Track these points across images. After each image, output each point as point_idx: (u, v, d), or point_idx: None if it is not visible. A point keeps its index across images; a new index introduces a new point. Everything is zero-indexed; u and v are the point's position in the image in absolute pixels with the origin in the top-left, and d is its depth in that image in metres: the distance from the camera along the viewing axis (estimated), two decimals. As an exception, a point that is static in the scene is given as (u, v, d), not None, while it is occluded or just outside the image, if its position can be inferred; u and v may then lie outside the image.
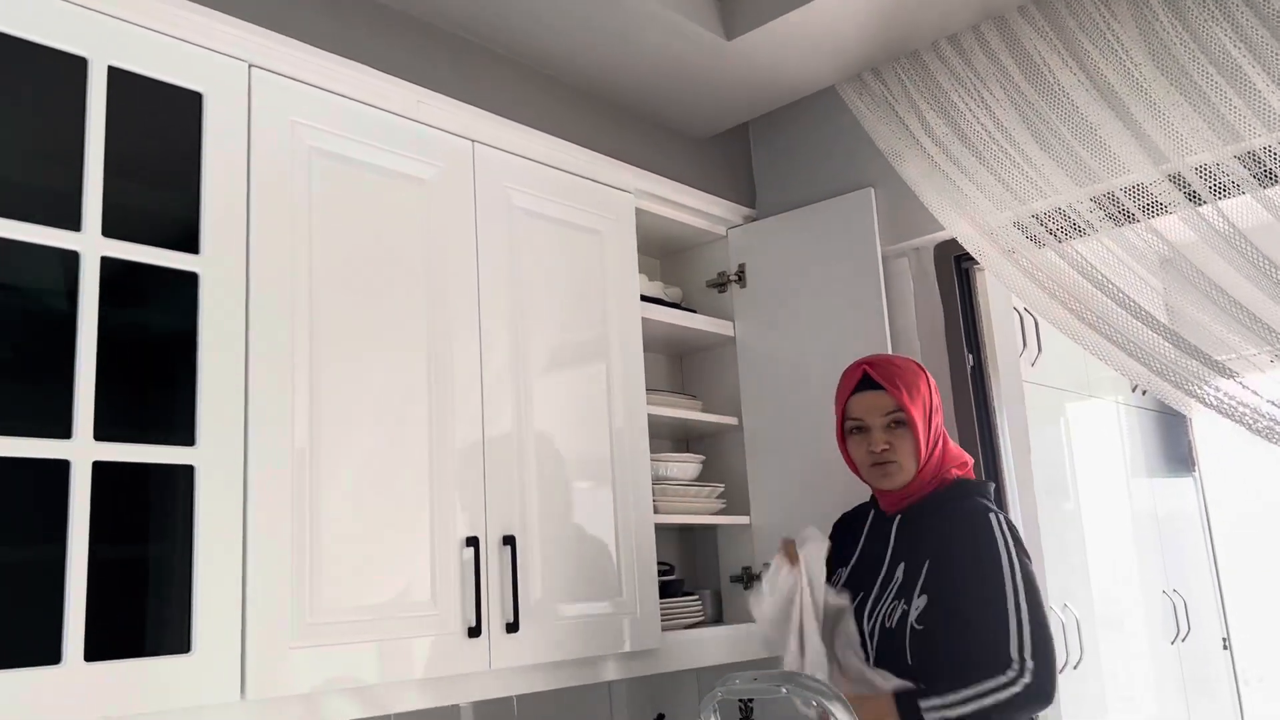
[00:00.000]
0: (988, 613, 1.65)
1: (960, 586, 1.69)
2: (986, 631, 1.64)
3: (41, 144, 1.46)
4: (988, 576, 1.68)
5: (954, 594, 1.70)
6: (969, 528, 1.73)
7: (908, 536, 1.83)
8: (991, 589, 1.67)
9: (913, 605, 1.73)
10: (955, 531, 1.75)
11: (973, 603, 1.67)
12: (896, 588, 1.78)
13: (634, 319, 2.27)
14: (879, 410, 1.86)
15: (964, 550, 1.71)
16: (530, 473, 1.97)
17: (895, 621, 1.75)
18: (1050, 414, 3.13)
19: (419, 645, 1.72)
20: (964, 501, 1.80)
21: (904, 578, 1.78)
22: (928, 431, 1.84)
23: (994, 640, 1.63)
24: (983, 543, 1.71)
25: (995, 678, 1.60)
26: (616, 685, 2.43)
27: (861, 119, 2.36)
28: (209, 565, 1.49)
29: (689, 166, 2.53)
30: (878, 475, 1.88)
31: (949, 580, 1.71)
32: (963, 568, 1.70)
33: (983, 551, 1.70)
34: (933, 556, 1.75)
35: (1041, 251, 2.05)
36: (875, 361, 1.91)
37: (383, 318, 1.79)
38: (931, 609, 1.71)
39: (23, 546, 1.36)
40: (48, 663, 1.33)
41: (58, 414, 1.39)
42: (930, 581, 1.73)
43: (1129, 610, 3.32)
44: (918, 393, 1.86)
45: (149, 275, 1.52)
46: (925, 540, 1.78)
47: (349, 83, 1.83)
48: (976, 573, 1.69)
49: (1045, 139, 2.07)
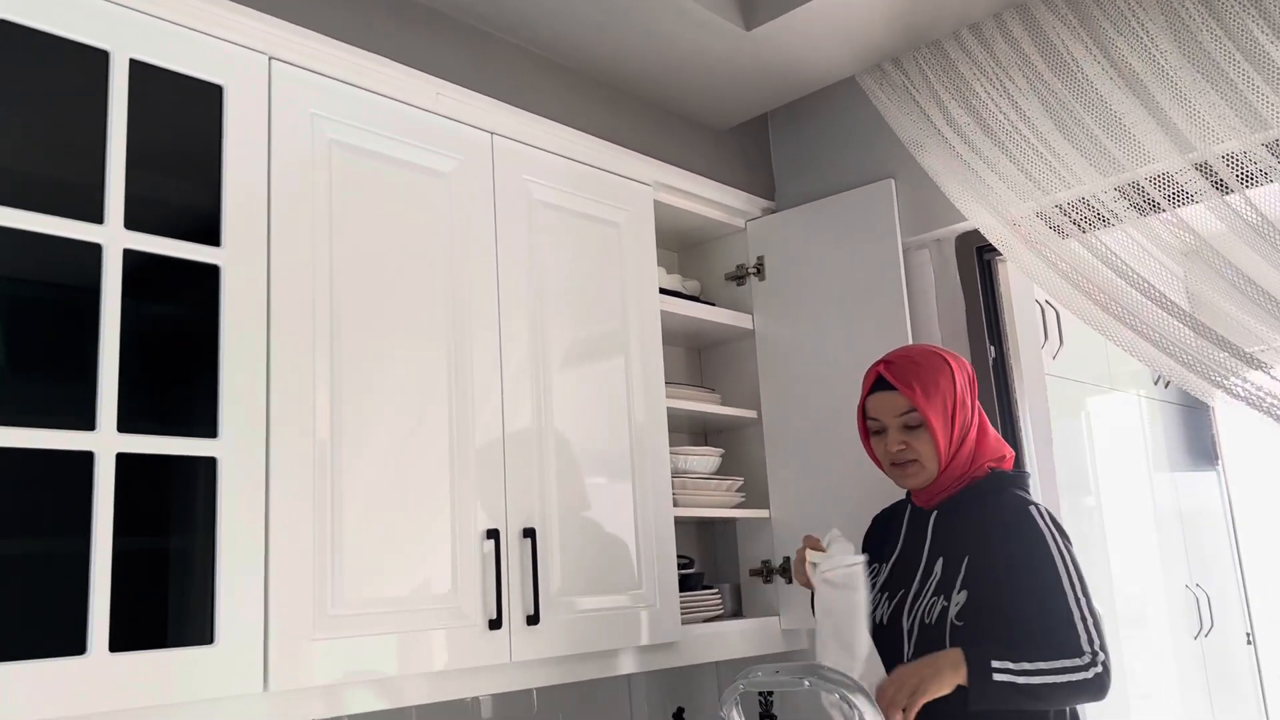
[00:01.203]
0: (1047, 606, 1.64)
1: (1012, 582, 1.67)
2: (1050, 623, 1.63)
3: (64, 137, 1.47)
4: (1041, 570, 1.66)
5: (1001, 589, 1.68)
6: (1010, 521, 1.72)
7: (945, 531, 1.81)
8: (1046, 582, 1.65)
9: (952, 601, 1.71)
10: (995, 525, 1.73)
11: (1028, 597, 1.65)
12: (935, 583, 1.76)
13: (653, 312, 2.26)
14: (894, 410, 1.84)
15: (1007, 544, 1.70)
16: (550, 465, 1.96)
17: (935, 617, 1.73)
18: (1071, 408, 3.11)
19: (440, 637, 1.72)
20: (1001, 495, 1.78)
21: (943, 573, 1.75)
22: (949, 428, 1.81)
23: (1061, 629, 1.62)
24: (1027, 536, 1.69)
25: (1072, 659, 1.59)
26: (636, 679, 2.43)
27: (882, 109, 2.34)
28: (232, 557, 1.49)
29: (707, 158, 2.52)
30: (899, 475, 1.87)
31: (993, 575, 1.69)
32: (1009, 562, 1.68)
33: (1029, 545, 1.68)
34: (972, 551, 1.73)
35: (1065, 242, 2.03)
36: (893, 359, 1.88)
37: (402, 310, 1.79)
38: (972, 605, 1.69)
39: (48, 538, 1.37)
40: (73, 653, 1.34)
41: (81, 406, 1.40)
42: (971, 577, 1.71)
43: (1151, 605, 3.30)
44: (935, 390, 1.81)
45: (171, 267, 1.53)
46: (964, 535, 1.76)
47: (368, 75, 1.83)
48: (1028, 567, 1.67)
49: (1069, 128, 2.05)
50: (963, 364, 1.89)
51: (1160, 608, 3.34)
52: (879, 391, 1.86)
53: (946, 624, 1.70)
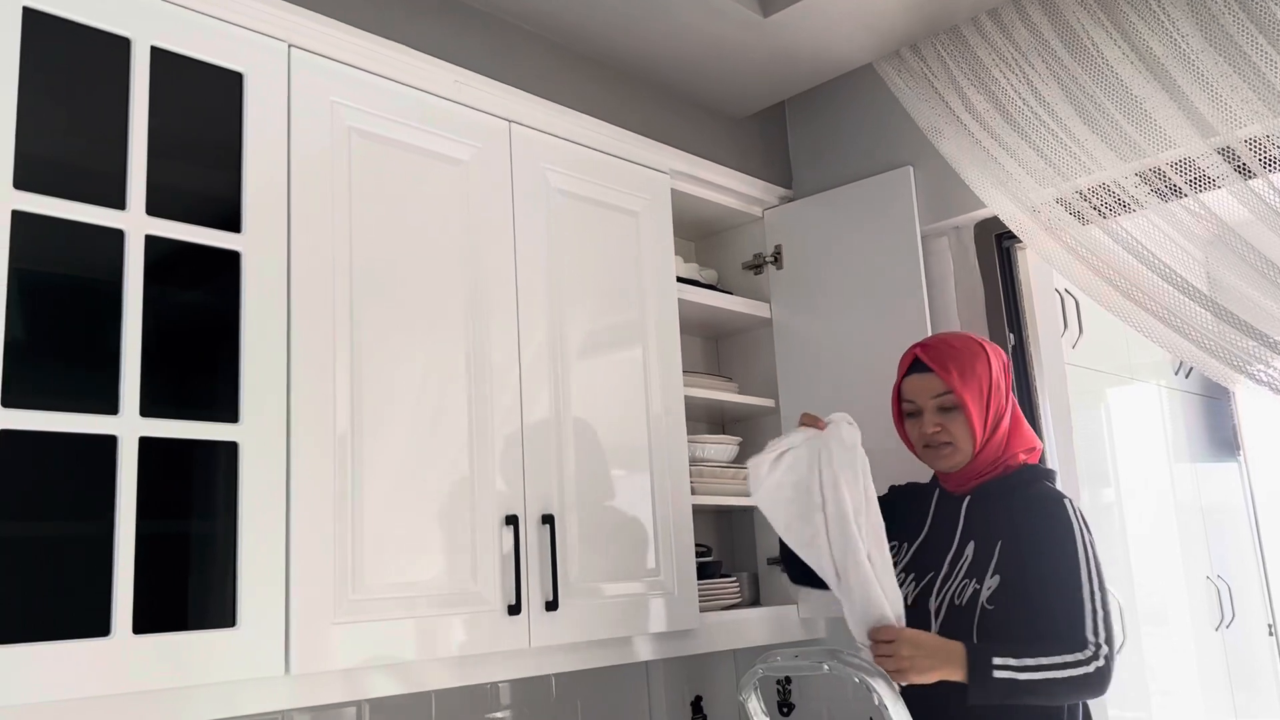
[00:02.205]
0: (1063, 594, 1.65)
1: (1036, 568, 1.69)
2: (1061, 611, 1.64)
3: (87, 124, 1.48)
4: (1063, 559, 1.68)
5: (1028, 575, 1.70)
6: (1044, 511, 1.73)
7: (978, 516, 1.82)
8: (1067, 571, 1.67)
9: (984, 585, 1.73)
10: (1029, 514, 1.74)
11: (1047, 584, 1.67)
12: (967, 566, 1.78)
13: (670, 300, 2.26)
14: (929, 392, 1.85)
15: (1039, 533, 1.71)
16: (568, 453, 1.97)
17: (965, 599, 1.74)
18: (1090, 398, 3.09)
19: (459, 623, 1.73)
20: (1036, 486, 1.79)
21: (974, 556, 1.77)
22: (984, 413, 1.82)
23: (1069, 620, 1.63)
24: (1059, 526, 1.70)
25: (1072, 653, 1.59)
26: (654, 666, 2.43)
27: (900, 96, 2.33)
28: (253, 541, 1.50)
29: (725, 146, 2.52)
30: (932, 456, 1.88)
31: (1023, 562, 1.71)
32: (1038, 550, 1.70)
33: (1059, 535, 1.70)
34: (1005, 538, 1.75)
35: (1086, 228, 2.01)
36: (930, 343, 1.90)
37: (421, 296, 1.79)
38: (1003, 590, 1.71)
39: (73, 521, 1.38)
40: (97, 635, 1.35)
41: (105, 390, 1.41)
42: (1004, 562, 1.73)
43: (1172, 598, 3.27)
44: (972, 374, 1.83)
45: (192, 254, 1.54)
46: (997, 521, 1.78)
47: (387, 63, 1.83)
48: (1052, 555, 1.68)
49: (1089, 113, 2.03)
50: (998, 352, 1.90)
51: (1181, 600, 3.32)
52: (915, 374, 1.88)
53: (977, 606, 1.72)
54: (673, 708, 2.45)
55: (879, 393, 2.05)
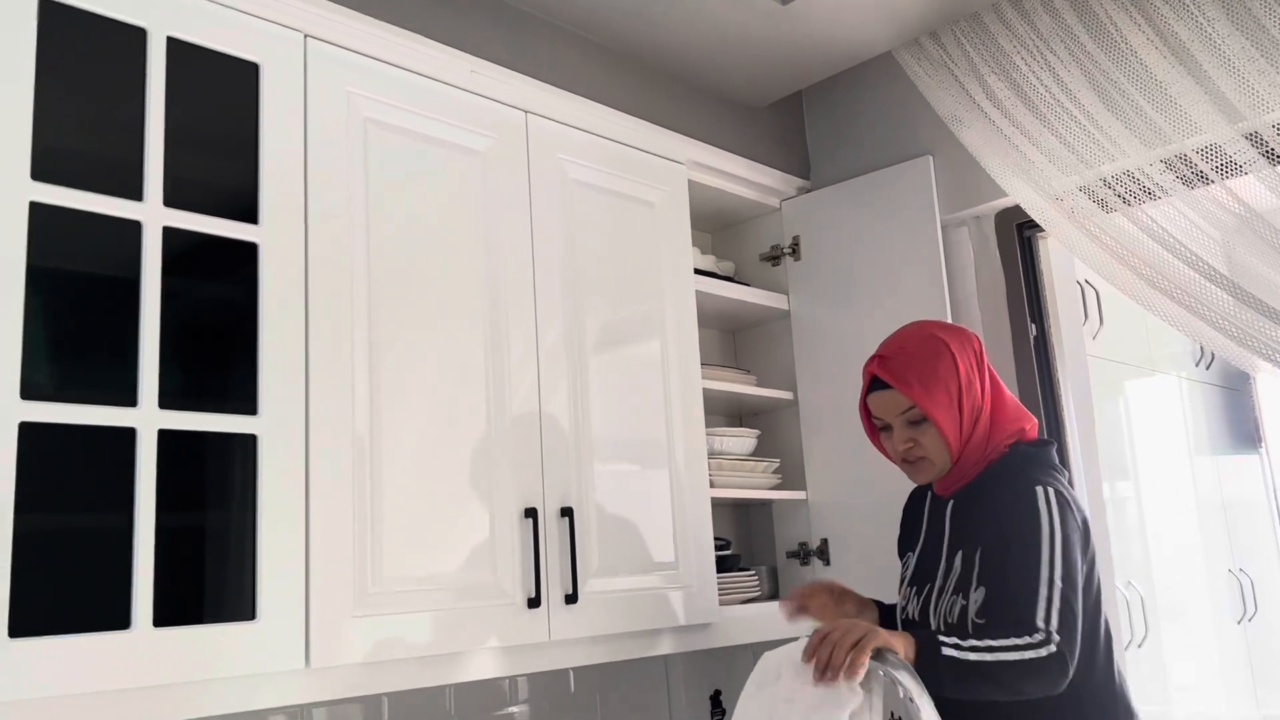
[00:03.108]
0: (1018, 577, 1.56)
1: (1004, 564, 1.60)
2: (1014, 594, 1.55)
3: (103, 115, 1.47)
4: (1023, 545, 1.58)
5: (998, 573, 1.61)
6: (1013, 507, 1.62)
7: (963, 522, 1.73)
8: (1024, 555, 1.57)
9: (970, 600, 1.64)
10: (1003, 516, 1.63)
11: (1005, 569, 1.59)
12: (955, 580, 1.68)
13: (688, 292, 2.24)
14: (895, 409, 1.73)
15: (1008, 528, 1.62)
16: (586, 445, 1.95)
17: (956, 617, 1.65)
18: (1109, 390, 3.06)
19: (479, 615, 1.71)
20: (1015, 479, 1.66)
21: (961, 569, 1.68)
22: (957, 417, 1.70)
23: (1021, 603, 1.53)
24: (1024, 514, 1.60)
25: (1020, 637, 1.49)
26: (673, 660, 2.42)
27: (919, 84, 2.31)
28: (272, 534, 1.50)
29: (742, 137, 2.50)
30: (910, 471, 1.78)
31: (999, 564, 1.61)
32: (1005, 542, 1.61)
33: (1023, 523, 1.60)
34: (985, 544, 1.65)
35: (1110, 216, 1.99)
36: (887, 354, 1.76)
37: (438, 287, 1.78)
38: (989, 600, 1.61)
39: (93, 513, 1.37)
40: (118, 628, 1.34)
41: (123, 382, 1.40)
42: (985, 572, 1.63)
43: (1192, 591, 3.24)
44: (935, 381, 1.70)
45: (210, 245, 1.53)
46: (978, 526, 1.68)
47: (403, 53, 1.82)
48: (1014, 543, 1.59)
49: (1113, 100, 2.01)
50: (966, 340, 1.76)
51: (1202, 593, 3.29)
52: (877, 390, 1.76)
53: (968, 623, 1.62)
54: (692, 701, 2.44)
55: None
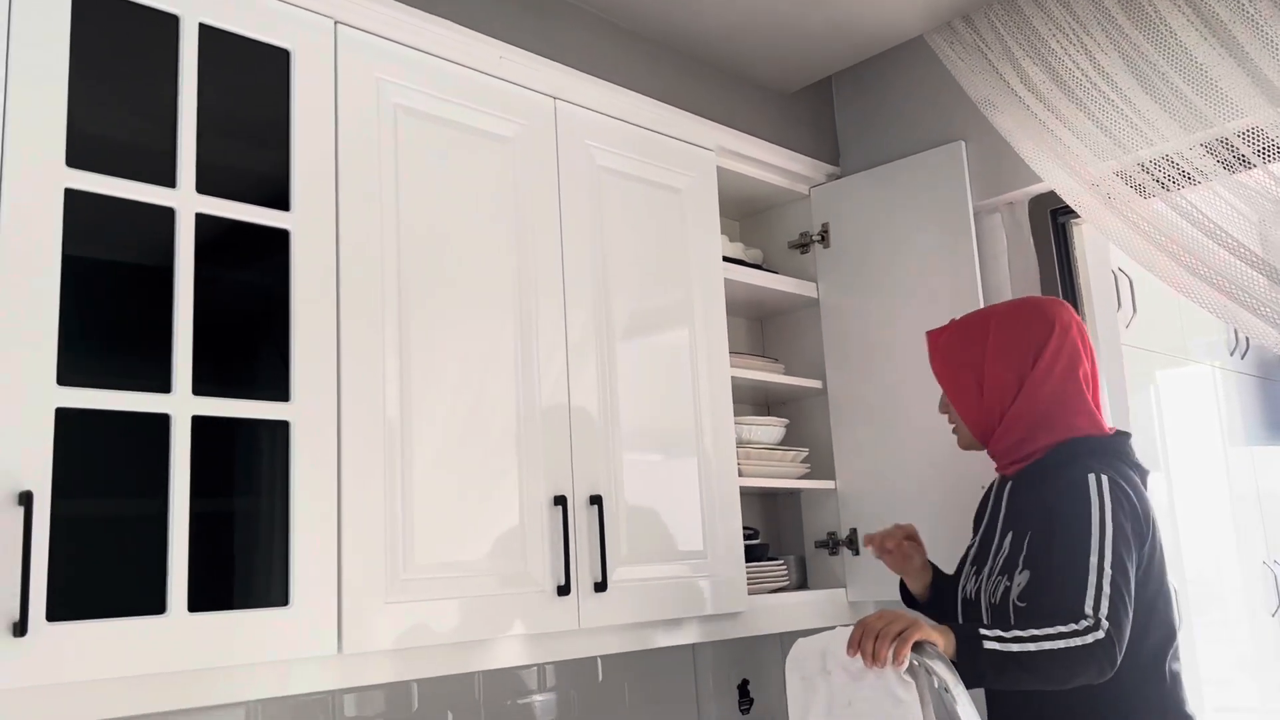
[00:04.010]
0: (1066, 565, 1.53)
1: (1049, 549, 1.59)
2: (1062, 582, 1.52)
3: (136, 102, 1.47)
4: (1072, 533, 1.56)
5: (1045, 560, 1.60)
6: (1064, 494, 1.61)
7: (1016, 504, 1.72)
8: (1074, 543, 1.54)
9: (1014, 581, 1.63)
10: (1055, 502, 1.62)
11: (1054, 558, 1.57)
12: (1003, 560, 1.68)
13: (716, 280, 2.23)
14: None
15: (1057, 516, 1.60)
16: (615, 433, 1.95)
17: (999, 598, 1.65)
18: (1142, 379, 3.02)
19: (509, 603, 1.71)
20: (1069, 467, 1.64)
21: (1009, 550, 1.68)
22: (976, 403, 1.76)
23: (1069, 590, 1.50)
24: (1076, 502, 1.58)
25: (1066, 624, 1.46)
26: (701, 649, 2.41)
27: (952, 69, 2.27)
28: (305, 520, 1.50)
29: (771, 123, 2.48)
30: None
31: (1043, 550, 1.60)
32: (1053, 531, 1.59)
33: (1073, 511, 1.58)
34: (1034, 528, 1.64)
35: (1148, 202, 1.96)
36: (947, 327, 1.86)
37: (468, 274, 1.78)
38: (1033, 585, 1.60)
39: (128, 499, 1.38)
40: (153, 612, 1.35)
41: (157, 368, 1.41)
42: (1031, 556, 1.62)
43: (1225, 583, 3.20)
44: (953, 359, 1.79)
45: (242, 232, 1.53)
46: (1030, 510, 1.67)
47: (432, 39, 1.81)
48: (1063, 532, 1.57)
49: (1151, 83, 1.97)
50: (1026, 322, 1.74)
51: (1235, 586, 3.25)
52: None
53: (1009, 604, 1.62)
54: (719, 690, 2.43)
55: (930, 376, 2.00)
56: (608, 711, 2.22)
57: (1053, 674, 1.45)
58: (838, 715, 1.44)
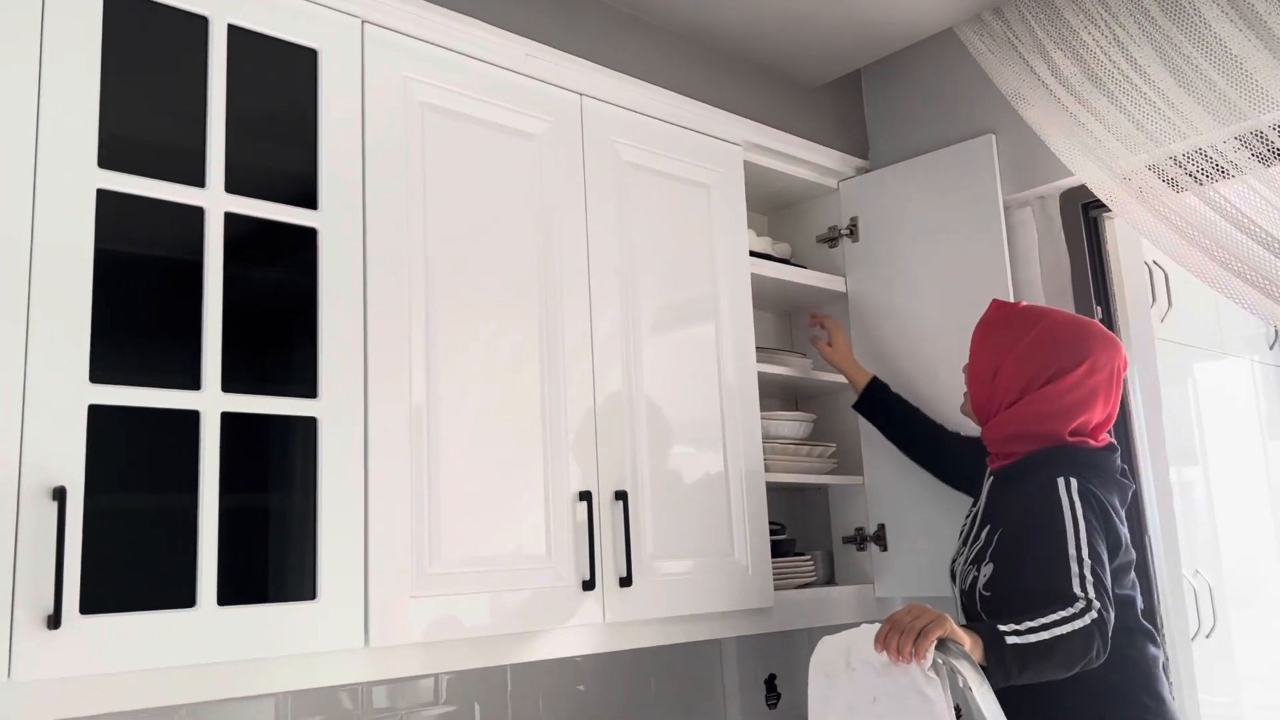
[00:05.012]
0: (1049, 560, 1.60)
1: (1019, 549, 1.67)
2: (1047, 575, 1.59)
3: (167, 102, 1.50)
4: (1046, 532, 1.63)
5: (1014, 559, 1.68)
6: (1037, 498, 1.68)
7: (994, 500, 1.81)
8: (1049, 540, 1.61)
9: (981, 572, 1.73)
10: (1023, 502, 1.71)
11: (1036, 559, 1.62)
12: (976, 552, 1.78)
13: (743, 275, 2.22)
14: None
15: (1027, 522, 1.68)
16: (641, 429, 1.95)
17: (968, 585, 1.76)
18: (1177, 374, 2.98)
19: (534, 597, 1.73)
20: (1040, 471, 1.71)
21: (983, 543, 1.77)
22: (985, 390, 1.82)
23: (1055, 579, 1.57)
24: (1044, 506, 1.66)
25: (1064, 609, 1.52)
26: (727, 644, 2.41)
27: (982, 61, 2.25)
28: (332, 515, 1.52)
29: (799, 116, 2.47)
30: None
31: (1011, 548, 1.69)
32: (1025, 537, 1.67)
33: (1042, 515, 1.65)
34: (1005, 527, 1.73)
35: (1180, 196, 1.93)
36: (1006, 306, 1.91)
37: (494, 271, 1.79)
38: (996, 579, 1.70)
39: (159, 494, 1.41)
40: (183, 606, 1.37)
41: (187, 366, 1.43)
42: (998, 551, 1.72)
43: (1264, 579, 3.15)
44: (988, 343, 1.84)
45: (270, 231, 1.55)
46: (1003, 507, 1.76)
47: (458, 37, 1.82)
48: (1036, 535, 1.64)
49: (1185, 75, 1.94)
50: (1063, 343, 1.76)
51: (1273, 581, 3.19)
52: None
53: (976, 594, 1.73)
54: (746, 686, 2.44)
55: (958, 370, 1.99)
56: (634, 706, 2.23)
57: (1064, 659, 1.51)
58: (861, 711, 1.44)
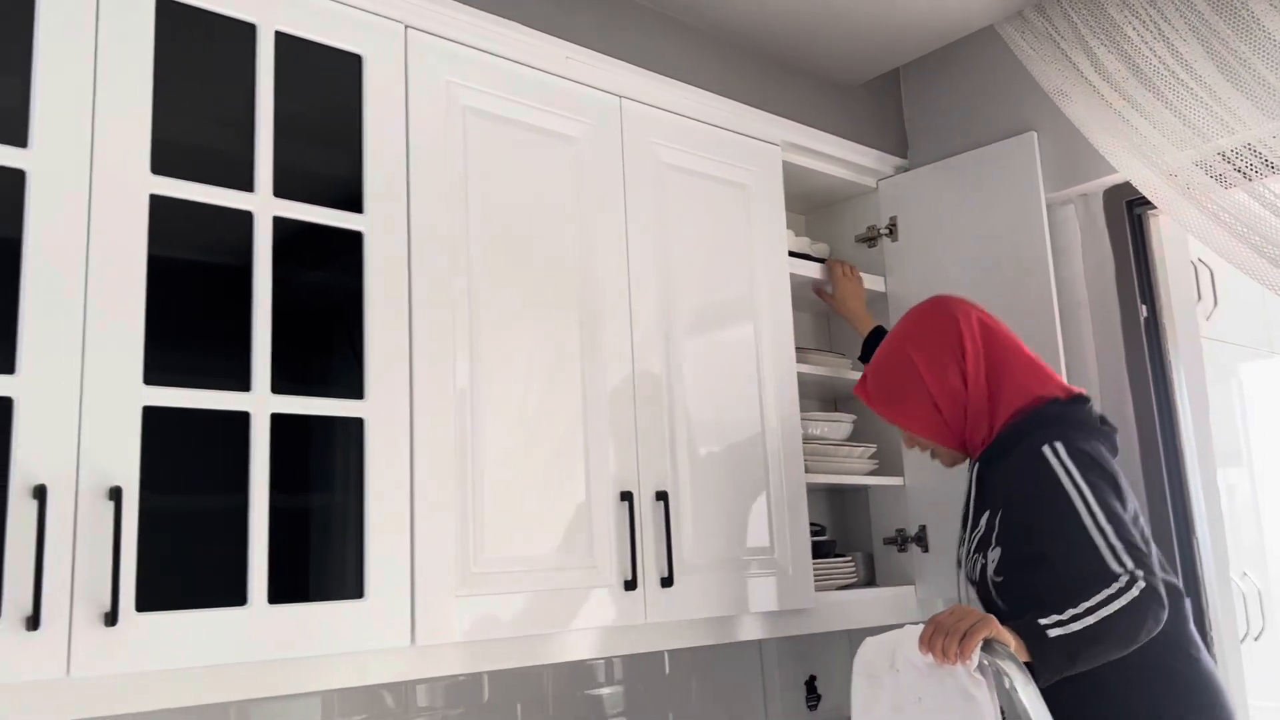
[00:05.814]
0: (1069, 544, 1.54)
1: (1028, 527, 1.62)
2: (1076, 560, 1.53)
3: (216, 109, 1.52)
4: (1054, 512, 1.57)
5: (1024, 538, 1.63)
6: (1024, 473, 1.64)
7: (984, 484, 1.79)
8: (1061, 520, 1.56)
9: (988, 558, 1.70)
10: (1012, 478, 1.68)
11: (1054, 543, 1.57)
12: (979, 539, 1.76)
13: (782, 275, 2.22)
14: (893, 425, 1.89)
15: (1020, 493, 1.65)
16: (681, 430, 1.95)
17: (979, 575, 1.74)
18: (1223, 373, 2.93)
19: (577, 597, 1.74)
20: (1020, 443, 1.67)
21: (984, 529, 1.75)
22: (936, 418, 1.78)
23: (1087, 562, 1.51)
24: (1041, 480, 1.61)
25: (1107, 588, 1.47)
26: (768, 645, 2.41)
27: (1023, 58, 2.23)
28: (379, 515, 1.54)
29: (837, 116, 2.46)
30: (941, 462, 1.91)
31: (1015, 527, 1.66)
32: (1029, 514, 1.63)
33: (1043, 490, 1.60)
34: (1002, 509, 1.70)
35: (1229, 192, 1.90)
36: (867, 374, 1.89)
37: (535, 273, 1.80)
38: (1005, 560, 1.67)
39: (211, 494, 1.43)
40: (235, 604, 1.40)
41: (238, 367, 1.46)
42: (1001, 532, 1.69)
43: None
44: (901, 396, 1.80)
45: (317, 235, 1.57)
46: (995, 488, 1.74)
47: (500, 41, 1.83)
48: (1043, 514, 1.59)
49: (1232, 70, 1.91)
50: (934, 329, 1.79)
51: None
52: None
53: (988, 581, 1.70)
54: (786, 687, 2.43)
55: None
56: (675, 706, 2.24)
57: (1125, 635, 1.46)
58: (907, 712, 1.44)
